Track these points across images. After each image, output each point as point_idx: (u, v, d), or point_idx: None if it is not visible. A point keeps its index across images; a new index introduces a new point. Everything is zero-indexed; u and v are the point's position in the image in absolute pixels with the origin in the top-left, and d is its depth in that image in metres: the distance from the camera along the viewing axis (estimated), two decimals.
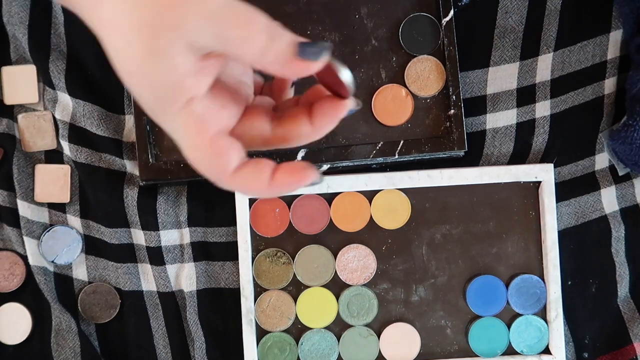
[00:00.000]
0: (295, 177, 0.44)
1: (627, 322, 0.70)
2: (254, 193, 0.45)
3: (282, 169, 0.44)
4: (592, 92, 0.70)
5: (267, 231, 0.69)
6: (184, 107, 0.42)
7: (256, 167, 0.43)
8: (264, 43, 0.41)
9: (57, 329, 0.70)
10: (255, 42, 0.41)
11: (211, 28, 0.40)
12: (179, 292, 0.71)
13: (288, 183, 0.44)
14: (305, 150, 0.67)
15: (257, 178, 0.44)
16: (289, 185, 0.44)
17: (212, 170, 0.43)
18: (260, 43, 0.41)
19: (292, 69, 0.42)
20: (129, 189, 0.70)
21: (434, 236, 0.69)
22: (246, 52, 0.41)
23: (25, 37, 0.69)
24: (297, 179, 0.44)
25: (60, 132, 0.70)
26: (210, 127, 0.43)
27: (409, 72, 0.68)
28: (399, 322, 0.69)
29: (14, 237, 0.70)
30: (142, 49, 0.40)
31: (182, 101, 0.41)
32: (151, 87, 0.41)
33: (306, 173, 0.44)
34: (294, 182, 0.44)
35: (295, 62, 0.41)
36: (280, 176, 0.44)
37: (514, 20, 0.69)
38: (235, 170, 0.43)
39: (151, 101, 0.42)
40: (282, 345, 0.69)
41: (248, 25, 0.40)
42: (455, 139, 0.67)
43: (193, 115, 0.42)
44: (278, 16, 0.67)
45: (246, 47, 0.41)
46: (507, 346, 0.69)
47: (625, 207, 0.71)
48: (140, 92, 0.42)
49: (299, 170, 0.44)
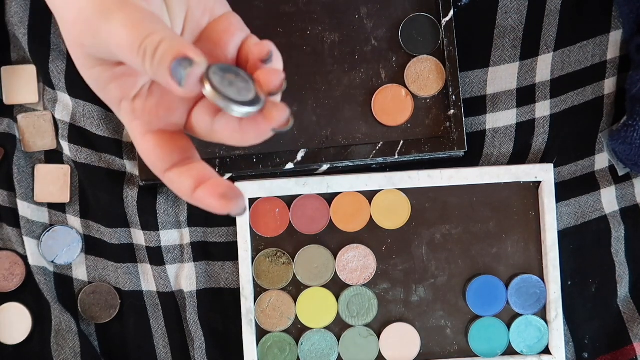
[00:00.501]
0: (214, 200, 0.42)
1: (627, 322, 0.70)
2: (183, 198, 0.44)
3: (204, 187, 0.43)
4: (592, 92, 0.70)
5: (267, 231, 0.69)
6: (119, 109, 0.45)
7: (183, 174, 0.44)
8: (143, 54, 0.40)
9: (57, 329, 0.70)
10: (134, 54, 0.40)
11: (95, 44, 0.42)
12: (179, 292, 0.71)
13: (206, 204, 0.43)
14: (305, 150, 0.67)
15: (181, 185, 0.44)
16: (206, 206, 0.43)
17: (149, 165, 0.45)
18: (139, 55, 0.40)
19: (169, 86, 0.40)
20: (129, 189, 0.70)
21: (434, 236, 0.69)
22: (129, 61, 0.41)
23: (25, 37, 0.69)
24: (214, 204, 0.42)
25: (60, 132, 0.70)
26: (142, 126, 0.44)
27: (408, 72, 0.68)
28: (398, 322, 0.69)
29: (14, 237, 0.70)
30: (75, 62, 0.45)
31: (115, 104, 0.45)
32: (95, 92, 0.45)
33: (225, 203, 0.42)
34: (211, 205, 0.43)
35: (169, 79, 0.40)
36: (199, 193, 0.43)
37: (513, 20, 0.69)
38: (168, 169, 0.44)
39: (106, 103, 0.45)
40: (282, 346, 0.69)
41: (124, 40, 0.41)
42: (455, 139, 0.67)
43: (126, 116, 0.45)
44: (278, 16, 0.68)
45: (128, 57, 0.41)
46: (507, 346, 0.69)
47: (625, 207, 0.71)
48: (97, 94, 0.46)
49: (219, 197, 0.42)
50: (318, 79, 0.68)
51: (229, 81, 0.41)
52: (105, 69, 0.44)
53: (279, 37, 0.68)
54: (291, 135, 0.68)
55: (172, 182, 0.44)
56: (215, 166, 0.67)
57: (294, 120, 0.45)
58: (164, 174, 0.44)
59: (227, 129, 0.43)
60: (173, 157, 0.44)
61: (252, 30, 0.47)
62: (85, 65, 0.44)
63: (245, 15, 0.67)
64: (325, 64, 0.68)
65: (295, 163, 0.67)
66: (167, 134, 0.45)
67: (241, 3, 0.67)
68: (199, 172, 0.44)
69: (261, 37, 0.46)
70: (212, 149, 0.68)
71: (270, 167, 0.67)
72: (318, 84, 0.68)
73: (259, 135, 0.43)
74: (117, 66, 0.44)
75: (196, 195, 0.43)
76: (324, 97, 0.68)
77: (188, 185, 0.43)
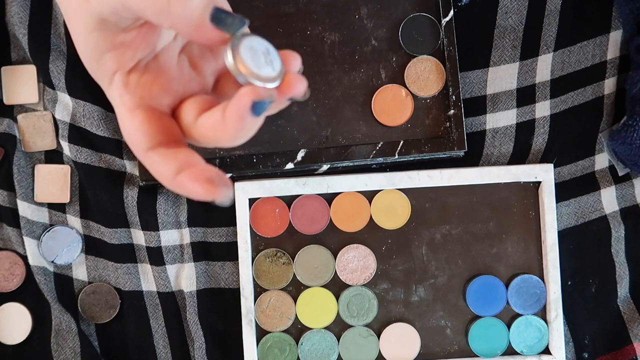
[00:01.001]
0: (197, 184, 0.40)
1: (627, 322, 0.70)
2: (161, 182, 0.42)
3: (188, 172, 0.40)
4: (592, 92, 0.70)
5: (267, 231, 0.69)
6: (111, 81, 0.43)
7: (167, 155, 0.41)
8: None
9: (57, 329, 0.70)
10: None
11: None
12: (178, 292, 0.71)
13: (187, 188, 0.40)
14: (305, 150, 0.67)
15: (163, 167, 0.41)
16: (188, 191, 0.40)
17: (131, 143, 0.43)
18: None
19: (201, 34, 0.39)
20: (129, 189, 0.70)
21: (433, 236, 0.69)
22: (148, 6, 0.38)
23: (25, 37, 0.69)
24: (198, 188, 0.40)
25: (60, 132, 0.70)
26: (131, 101, 0.42)
27: (409, 72, 0.68)
28: (398, 322, 0.69)
29: (14, 237, 0.70)
30: (71, 31, 0.42)
31: (107, 76, 0.43)
32: (87, 64, 0.43)
33: (210, 188, 0.40)
34: (193, 189, 0.40)
35: (204, 27, 0.39)
36: (182, 177, 0.40)
37: (513, 20, 0.69)
38: (149, 149, 0.42)
39: (95, 77, 0.43)
40: (282, 346, 0.69)
41: None
42: (455, 139, 0.67)
43: (117, 89, 0.43)
44: (278, 16, 0.68)
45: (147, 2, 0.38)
46: (507, 346, 0.69)
47: (625, 207, 0.71)
48: (88, 70, 0.43)
49: (205, 180, 0.40)
50: (318, 79, 0.68)
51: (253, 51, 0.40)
52: (104, 35, 0.42)
53: (279, 37, 0.68)
54: (291, 135, 0.68)
55: (153, 163, 0.42)
56: (215, 166, 0.67)
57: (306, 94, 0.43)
58: (146, 152, 0.42)
59: (210, 120, 0.41)
60: (159, 137, 0.42)
61: (252, 30, 0.46)
62: (85, 30, 0.42)
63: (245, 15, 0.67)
64: (325, 64, 0.68)
65: (295, 163, 0.67)
66: (157, 112, 0.43)
67: (241, 3, 0.67)
68: (186, 157, 0.41)
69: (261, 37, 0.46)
70: (211, 149, 0.68)
71: (270, 167, 0.67)
72: (318, 84, 0.68)
73: (240, 129, 0.40)
74: (119, 34, 0.42)
75: (178, 179, 0.40)
76: (324, 97, 0.68)
77: (172, 167, 0.41)
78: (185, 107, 0.43)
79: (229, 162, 0.67)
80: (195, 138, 0.42)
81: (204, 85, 0.45)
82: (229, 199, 0.40)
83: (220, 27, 0.39)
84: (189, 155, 0.41)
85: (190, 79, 0.44)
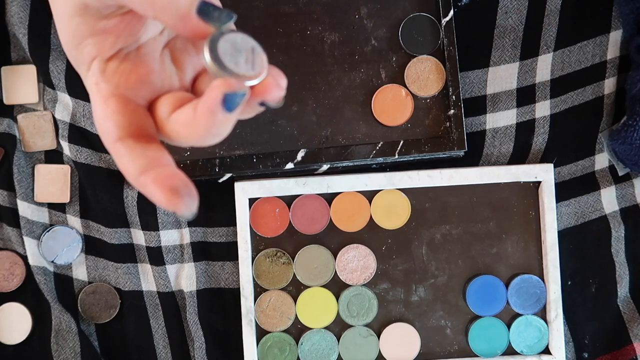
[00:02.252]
0: (159, 191, 0.38)
1: (627, 322, 0.70)
2: (126, 177, 0.40)
3: (153, 172, 0.39)
4: (592, 92, 0.70)
5: (267, 231, 0.69)
6: (89, 67, 0.42)
7: (135, 150, 0.40)
8: None
9: (57, 329, 0.70)
10: None
11: None
12: (178, 292, 0.71)
13: (148, 192, 0.39)
14: (305, 150, 0.67)
15: (128, 162, 0.40)
16: (149, 195, 0.39)
17: (101, 133, 0.41)
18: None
19: (185, 25, 0.38)
20: (129, 189, 0.70)
21: (433, 236, 0.69)
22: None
23: (25, 37, 0.69)
24: (159, 196, 0.38)
25: (60, 132, 0.70)
26: (107, 89, 0.41)
27: (408, 72, 0.68)
28: (398, 322, 0.69)
29: (14, 237, 0.70)
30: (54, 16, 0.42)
31: (85, 63, 0.42)
32: (67, 49, 0.42)
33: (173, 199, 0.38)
34: (154, 195, 0.38)
35: (190, 18, 0.38)
36: (145, 178, 0.39)
37: (513, 20, 0.69)
38: (118, 139, 0.40)
39: (74, 64, 0.43)
40: (282, 345, 0.69)
41: None
42: (455, 139, 0.67)
43: (93, 76, 0.42)
44: (278, 16, 0.68)
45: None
46: (507, 346, 0.69)
47: (625, 207, 0.71)
48: (68, 56, 0.43)
49: (168, 189, 0.38)
50: (318, 79, 0.68)
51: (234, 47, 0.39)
52: (85, 20, 0.41)
53: (279, 37, 0.68)
54: (291, 135, 0.68)
55: (120, 156, 0.40)
56: (215, 166, 0.67)
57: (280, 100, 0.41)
58: (115, 143, 0.40)
59: (182, 116, 0.40)
60: (130, 128, 0.40)
61: (252, 30, 0.46)
62: (67, 14, 0.41)
63: (245, 15, 0.67)
64: (325, 64, 0.68)
65: (295, 163, 0.67)
66: (132, 103, 0.41)
67: (241, 3, 0.67)
68: (155, 155, 0.39)
69: (261, 37, 0.46)
70: (211, 149, 0.68)
71: (270, 167, 0.67)
72: (318, 84, 0.68)
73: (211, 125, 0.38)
74: (100, 20, 0.41)
75: (142, 178, 0.39)
76: (324, 97, 0.68)
77: (138, 164, 0.39)
78: (161, 102, 0.42)
79: (229, 162, 0.67)
80: (168, 134, 0.41)
81: (183, 82, 0.44)
82: (192, 214, 0.38)
83: (206, 20, 0.38)
84: (159, 153, 0.40)
85: (170, 73, 0.43)
